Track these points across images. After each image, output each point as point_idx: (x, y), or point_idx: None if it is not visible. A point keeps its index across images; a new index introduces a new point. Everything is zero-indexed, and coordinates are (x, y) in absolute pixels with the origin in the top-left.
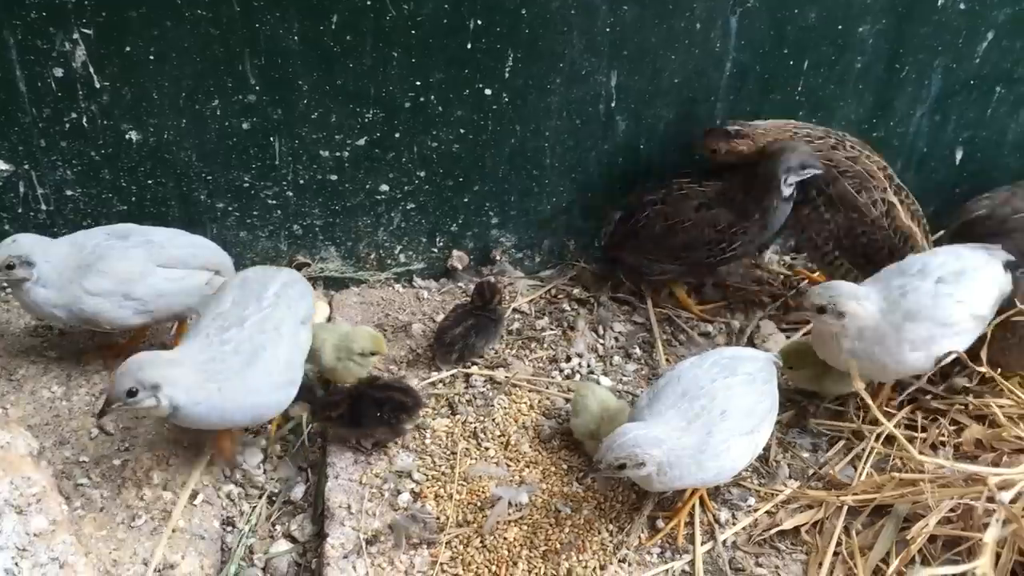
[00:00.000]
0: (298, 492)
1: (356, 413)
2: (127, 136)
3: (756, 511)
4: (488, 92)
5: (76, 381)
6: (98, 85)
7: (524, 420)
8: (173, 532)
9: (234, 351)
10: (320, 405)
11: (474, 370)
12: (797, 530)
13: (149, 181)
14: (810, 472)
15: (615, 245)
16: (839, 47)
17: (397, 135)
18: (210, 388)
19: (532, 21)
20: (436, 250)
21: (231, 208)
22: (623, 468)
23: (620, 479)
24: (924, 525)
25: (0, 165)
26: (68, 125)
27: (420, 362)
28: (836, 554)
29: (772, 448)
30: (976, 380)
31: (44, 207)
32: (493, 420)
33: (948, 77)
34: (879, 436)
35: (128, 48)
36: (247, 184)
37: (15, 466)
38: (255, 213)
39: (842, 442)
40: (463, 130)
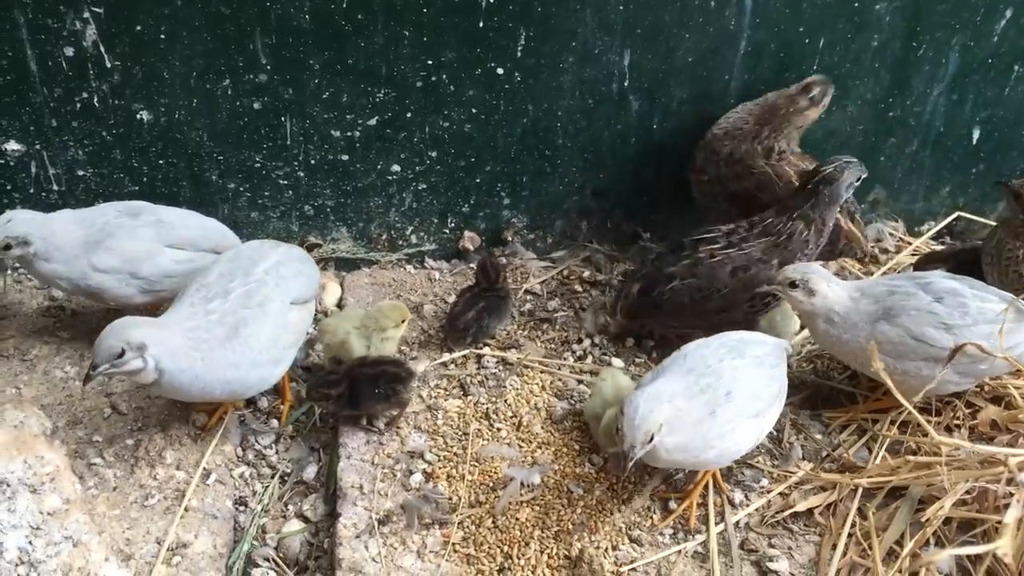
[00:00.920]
0: (310, 472)
1: (354, 394)
2: (138, 116)
3: (769, 492)
4: (500, 71)
5: (89, 361)
6: (109, 64)
7: (536, 401)
8: (186, 511)
9: (218, 322)
10: (316, 383)
11: (486, 351)
12: (810, 512)
13: (160, 161)
14: (823, 454)
15: (634, 314)
16: (856, 25)
17: (409, 115)
18: (194, 356)
19: None
20: (448, 231)
21: (242, 188)
22: (652, 440)
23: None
24: (940, 507)
25: (12, 145)
26: (79, 105)
27: (432, 343)
28: (850, 536)
29: (785, 429)
30: None
31: (56, 187)
32: (505, 401)
33: (965, 55)
34: (894, 421)
35: (139, 27)
36: (258, 164)
37: (29, 445)
38: (266, 193)
39: (855, 424)
40: (475, 110)
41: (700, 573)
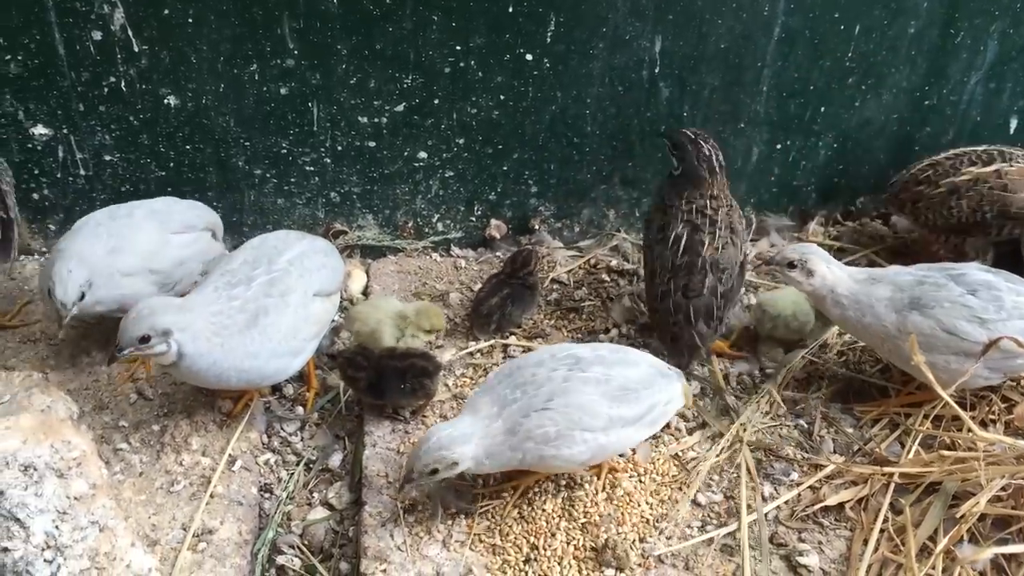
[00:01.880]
0: (335, 460)
1: (380, 385)
2: (165, 101)
3: (799, 486)
4: (529, 57)
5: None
6: (136, 48)
7: None
8: (211, 498)
9: (240, 308)
10: (346, 361)
11: (512, 340)
12: (841, 506)
13: (187, 147)
14: (855, 448)
15: None
16: (892, 11)
17: (436, 101)
18: (215, 342)
19: None
20: (474, 219)
21: (269, 175)
22: (435, 473)
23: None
24: (975, 503)
25: (40, 129)
26: (107, 89)
27: (458, 332)
28: (882, 531)
29: (816, 422)
30: None
31: (83, 172)
32: None
33: (1004, 43)
34: (927, 415)
35: (166, 11)
36: (285, 150)
37: (55, 430)
38: (292, 180)
39: (887, 418)
40: (503, 96)
41: (729, 566)
